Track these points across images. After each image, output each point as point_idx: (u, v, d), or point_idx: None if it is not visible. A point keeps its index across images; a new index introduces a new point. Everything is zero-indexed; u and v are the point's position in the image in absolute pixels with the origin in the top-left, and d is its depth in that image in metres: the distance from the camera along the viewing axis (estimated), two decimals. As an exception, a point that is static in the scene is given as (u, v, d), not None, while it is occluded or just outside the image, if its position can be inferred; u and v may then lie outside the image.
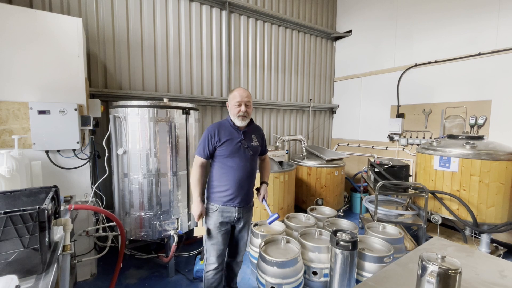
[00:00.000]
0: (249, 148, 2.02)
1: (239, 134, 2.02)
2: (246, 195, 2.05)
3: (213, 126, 2.03)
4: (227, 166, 1.98)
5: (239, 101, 1.96)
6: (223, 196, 2.00)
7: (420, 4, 4.37)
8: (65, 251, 1.49)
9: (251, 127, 2.12)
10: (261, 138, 2.19)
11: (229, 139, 1.97)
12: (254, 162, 2.11)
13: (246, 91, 2.03)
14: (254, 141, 2.08)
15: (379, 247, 2.59)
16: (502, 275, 1.34)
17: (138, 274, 2.89)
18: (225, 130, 2.00)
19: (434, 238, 1.86)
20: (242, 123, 2.01)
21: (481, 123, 3.68)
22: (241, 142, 2.00)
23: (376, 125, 5.13)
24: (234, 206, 2.01)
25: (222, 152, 1.97)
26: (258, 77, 4.82)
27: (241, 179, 1.99)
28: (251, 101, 2.03)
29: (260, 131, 2.21)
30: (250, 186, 2.09)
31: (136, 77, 3.63)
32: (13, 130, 2.32)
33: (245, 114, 1.98)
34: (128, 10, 3.51)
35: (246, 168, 2.00)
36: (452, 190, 3.12)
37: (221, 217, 2.01)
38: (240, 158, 1.98)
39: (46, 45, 2.40)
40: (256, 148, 2.09)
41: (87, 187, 2.69)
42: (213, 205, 2.03)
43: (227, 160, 1.97)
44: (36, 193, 1.49)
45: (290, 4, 5.10)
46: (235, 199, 2.00)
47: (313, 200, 4.37)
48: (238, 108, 1.97)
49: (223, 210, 2.01)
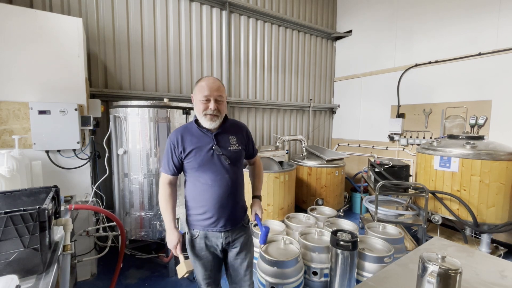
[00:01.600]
0: (225, 156, 1.54)
1: (209, 139, 1.55)
2: (231, 215, 1.59)
3: (175, 132, 1.58)
4: (200, 183, 1.54)
5: (207, 96, 1.47)
6: (202, 219, 1.57)
7: (420, 4, 4.37)
8: (66, 251, 1.49)
9: (227, 127, 1.63)
10: (246, 138, 1.71)
11: (196, 148, 1.52)
12: (237, 171, 1.63)
13: (217, 81, 1.53)
14: (233, 145, 1.59)
15: (379, 247, 2.59)
16: (503, 275, 1.34)
17: (139, 274, 2.90)
18: (191, 136, 1.55)
19: (434, 238, 1.86)
20: (212, 125, 1.52)
21: (482, 123, 3.67)
22: (213, 149, 1.53)
23: (376, 125, 5.13)
24: (218, 231, 1.58)
25: (190, 164, 1.54)
26: (258, 77, 4.82)
27: (220, 197, 1.53)
28: (224, 95, 1.54)
29: (243, 130, 1.72)
30: (235, 204, 1.62)
31: (136, 77, 3.63)
32: (14, 130, 2.32)
33: (215, 113, 1.50)
34: (129, 10, 3.51)
35: (225, 182, 1.54)
36: (453, 190, 3.11)
37: (204, 245, 1.60)
38: (215, 170, 1.53)
39: (46, 45, 2.40)
40: (237, 154, 1.61)
41: (88, 187, 2.69)
42: (193, 230, 1.61)
43: (198, 174, 1.54)
44: (36, 193, 1.49)
45: (290, 4, 5.10)
46: (217, 222, 1.56)
47: (313, 200, 4.37)
48: (205, 104, 1.48)
49: (206, 236, 1.59)
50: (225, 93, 1.58)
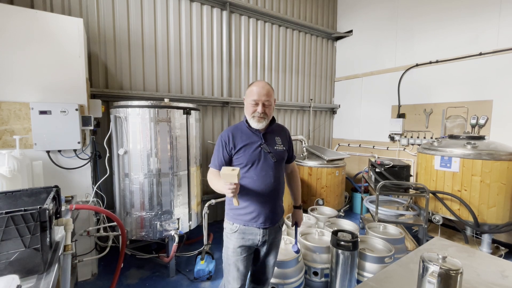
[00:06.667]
0: (272, 154, 1.66)
1: (258, 137, 1.67)
2: (272, 213, 1.67)
3: (227, 130, 1.71)
4: (246, 177, 1.63)
5: (256, 100, 1.60)
6: (243, 214, 1.64)
7: (421, 4, 4.37)
8: (66, 251, 1.49)
9: (274, 128, 1.76)
10: (288, 141, 1.81)
11: (246, 144, 1.64)
12: (280, 170, 1.74)
13: (267, 86, 1.64)
14: (278, 145, 1.71)
15: (380, 248, 2.59)
16: (503, 275, 1.34)
17: (139, 274, 2.90)
18: (241, 134, 1.67)
19: (435, 238, 1.86)
20: (259, 126, 1.64)
21: (482, 123, 3.67)
22: (261, 147, 1.65)
23: (377, 125, 5.12)
24: (258, 227, 1.64)
25: (239, 160, 1.64)
26: (258, 77, 4.82)
27: (264, 192, 1.63)
28: (272, 99, 1.66)
29: (286, 132, 1.84)
30: (276, 201, 1.72)
31: (137, 77, 3.63)
32: (15, 130, 2.33)
33: (263, 116, 1.61)
34: (129, 11, 3.51)
35: (269, 179, 1.64)
36: (453, 190, 3.11)
37: (241, 240, 1.65)
38: (262, 166, 1.64)
39: (47, 46, 2.40)
40: (282, 153, 1.72)
41: (88, 187, 2.70)
42: (232, 224, 1.67)
43: (245, 169, 1.63)
44: (37, 193, 1.50)
45: (290, 4, 5.10)
46: (258, 217, 1.63)
47: (313, 200, 4.37)
48: (254, 107, 1.62)
49: (245, 231, 1.65)
50: (274, 97, 1.68)
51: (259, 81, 1.67)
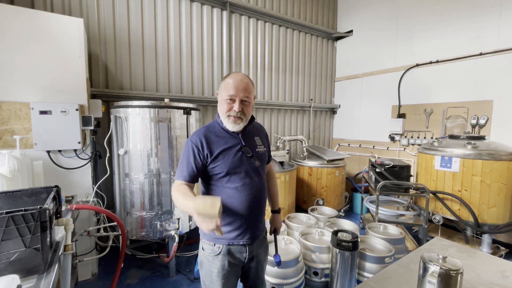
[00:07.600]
0: (254, 157, 1.41)
1: (237, 140, 1.40)
2: (258, 223, 1.46)
3: (197, 134, 1.38)
4: (229, 188, 1.35)
5: (232, 96, 1.31)
6: (228, 231, 1.36)
7: (421, 4, 4.36)
8: (67, 251, 1.49)
9: (253, 127, 1.51)
10: (267, 141, 1.59)
11: (224, 149, 1.35)
12: (264, 175, 1.51)
13: (246, 79, 1.35)
14: (259, 146, 1.48)
15: (380, 248, 2.58)
16: (504, 275, 1.34)
17: (139, 274, 2.90)
18: (216, 137, 1.37)
19: (435, 238, 1.86)
20: (234, 127, 1.35)
21: (483, 123, 3.66)
22: (242, 150, 1.38)
23: (377, 125, 5.12)
24: (244, 244, 1.39)
25: (217, 169, 1.34)
26: (259, 77, 4.82)
27: (250, 201, 1.37)
28: (252, 96, 1.37)
29: (264, 131, 1.62)
30: (262, 210, 1.48)
31: (137, 77, 3.63)
32: (15, 130, 2.33)
33: (240, 115, 1.33)
34: (129, 11, 3.51)
35: (254, 186, 1.39)
36: (454, 190, 3.11)
37: (227, 262, 1.38)
38: (245, 173, 1.37)
39: (47, 46, 2.41)
40: (264, 156, 1.50)
41: (88, 187, 2.70)
42: (214, 245, 1.38)
43: (227, 179, 1.35)
44: (37, 193, 1.50)
45: (290, 4, 5.09)
46: (244, 233, 1.38)
47: (314, 200, 4.37)
48: (229, 104, 1.33)
49: (230, 251, 1.38)
50: (254, 93, 1.40)
51: (237, 73, 1.37)
